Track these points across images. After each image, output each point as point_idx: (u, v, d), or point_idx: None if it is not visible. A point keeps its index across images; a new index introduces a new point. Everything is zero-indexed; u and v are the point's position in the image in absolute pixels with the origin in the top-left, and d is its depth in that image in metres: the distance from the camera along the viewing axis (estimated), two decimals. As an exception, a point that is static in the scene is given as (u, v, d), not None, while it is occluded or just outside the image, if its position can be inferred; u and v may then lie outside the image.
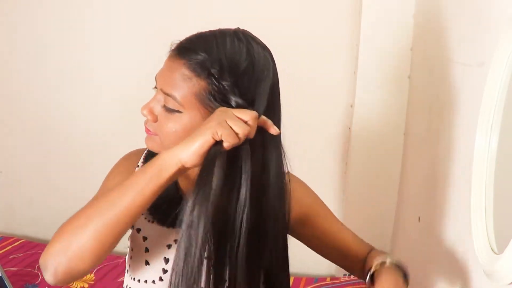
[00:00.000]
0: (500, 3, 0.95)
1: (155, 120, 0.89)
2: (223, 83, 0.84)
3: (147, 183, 0.77)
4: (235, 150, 0.80)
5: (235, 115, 0.79)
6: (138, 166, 1.01)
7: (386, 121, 2.06)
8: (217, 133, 0.76)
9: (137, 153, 1.05)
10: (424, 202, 1.50)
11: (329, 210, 1.11)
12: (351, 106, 2.12)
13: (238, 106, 0.84)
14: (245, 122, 0.78)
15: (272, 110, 0.89)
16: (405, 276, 0.91)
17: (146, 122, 0.92)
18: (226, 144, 0.77)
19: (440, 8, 1.53)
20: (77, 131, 2.45)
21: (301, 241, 1.08)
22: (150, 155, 1.01)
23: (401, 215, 2.01)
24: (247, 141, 0.80)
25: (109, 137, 2.41)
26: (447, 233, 1.22)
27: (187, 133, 0.84)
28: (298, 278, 2.13)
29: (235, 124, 0.77)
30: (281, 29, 2.13)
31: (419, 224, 1.55)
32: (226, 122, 0.77)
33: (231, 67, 0.85)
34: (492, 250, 0.83)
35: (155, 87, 0.92)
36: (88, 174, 2.46)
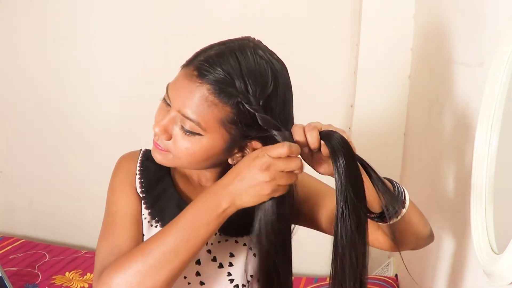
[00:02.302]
0: (500, 3, 0.95)
1: (169, 138, 0.86)
2: (250, 109, 0.83)
3: (212, 232, 0.82)
4: None
5: (284, 170, 0.80)
6: (137, 174, 0.98)
7: (386, 121, 2.06)
8: (273, 196, 0.81)
9: (130, 158, 1.01)
10: (424, 202, 1.50)
11: (320, 181, 1.08)
12: (351, 106, 2.12)
13: (269, 126, 0.84)
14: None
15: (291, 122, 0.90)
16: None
17: (156, 138, 0.88)
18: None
19: (440, 8, 1.53)
20: (77, 131, 2.45)
21: (315, 226, 1.05)
22: (146, 159, 0.99)
23: (401, 215, 2.01)
24: None
25: (109, 137, 2.40)
26: (447, 233, 1.22)
27: (204, 154, 0.86)
28: (298, 278, 2.13)
29: (286, 181, 0.81)
30: (281, 29, 2.13)
31: (419, 224, 1.54)
32: (278, 184, 0.80)
33: (258, 92, 0.83)
34: (492, 250, 0.83)
35: (164, 100, 0.88)
36: (87, 174, 2.46)
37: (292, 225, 0.99)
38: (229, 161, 0.90)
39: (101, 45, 2.36)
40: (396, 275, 1.90)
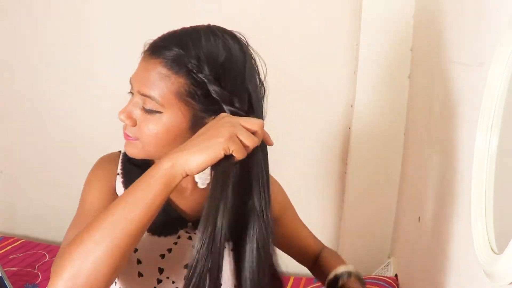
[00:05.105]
0: (500, 3, 0.95)
1: (134, 124, 0.87)
2: (202, 77, 0.82)
3: (154, 197, 0.73)
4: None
5: (244, 126, 0.76)
6: (118, 174, 0.97)
7: (386, 121, 2.06)
8: (228, 149, 0.74)
9: (111, 159, 1.00)
10: (424, 202, 1.50)
11: (294, 208, 1.16)
12: (351, 106, 2.12)
13: (220, 97, 0.83)
14: (253, 132, 0.77)
15: (256, 103, 0.88)
16: None
17: (125, 128, 0.89)
18: (236, 158, 0.75)
19: (440, 8, 1.53)
20: (77, 130, 2.45)
21: (284, 250, 1.13)
22: (127, 160, 0.98)
23: (401, 215, 2.01)
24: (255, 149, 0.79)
25: (109, 137, 2.40)
26: (447, 233, 1.22)
27: (169, 134, 0.84)
28: (298, 278, 2.13)
29: (245, 137, 0.75)
30: (281, 29, 2.13)
31: (419, 224, 1.55)
32: (237, 136, 0.74)
33: (209, 61, 0.83)
34: (492, 250, 0.83)
35: (131, 92, 0.90)
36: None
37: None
38: None
39: (101, 45, 2.36)
40: (396, 275, 1.90)
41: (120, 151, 1.01)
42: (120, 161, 0.99)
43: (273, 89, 0.95)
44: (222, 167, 0.77)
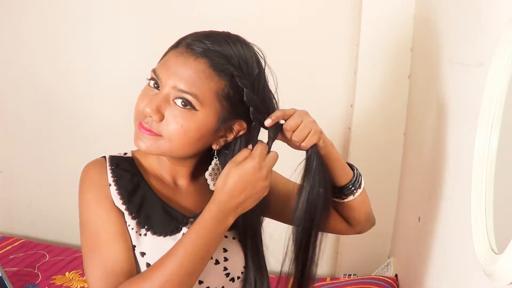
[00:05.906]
0: (500, 3, 0.95)
1: (162, 119, 0.86)
2: (242, 83, 0.87)
3: (217, 242, 0.90)
4: None
5: (269, 165, 0.92)
6: (111, 185, 0.93)
7: (386, 121, 2.06)
8: (267, 187, 0.92)
9: (98, 170, 0.95)
10: (424, 202, 1.50)
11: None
12: (351, 106, 2.12)
13: (251, 104, 0.89)
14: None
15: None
16: None
17: (146, 122, 0.88)
18: None
19: (440, 8, 1.53)
20: (77, 131, 2.45)
21: (275, 217, 1.11)
22: (115, 166, 0.95)
23: (401, 215, 2.01)
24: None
25: (110, 137, 2.40)
26: (447, 233, 1.22)
27: (198, 132, 0.87)
28: (298, 278, 2.13)
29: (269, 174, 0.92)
30: (281, 29, 2.13)
31: (419, 224, 1.55)
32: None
33: (248, 70, 0.88)
34: (492, 250, 0.83)
35: (151, 84, 0.90)
36: (88, 174, 2.46)
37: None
38: (213, 146, 0.93)
39: (101, 43, 2.36)
40: (396, 275, 1.90)
41: (104, 157, 0.98)
42: (108, 169, 0.95)
43: (272, 89, 0.97)
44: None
